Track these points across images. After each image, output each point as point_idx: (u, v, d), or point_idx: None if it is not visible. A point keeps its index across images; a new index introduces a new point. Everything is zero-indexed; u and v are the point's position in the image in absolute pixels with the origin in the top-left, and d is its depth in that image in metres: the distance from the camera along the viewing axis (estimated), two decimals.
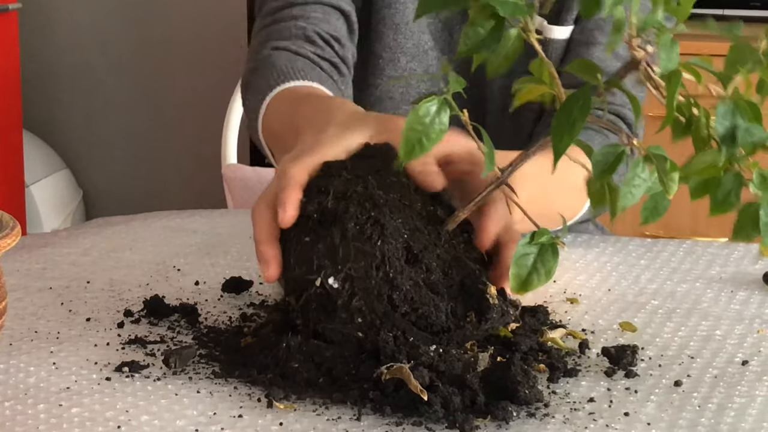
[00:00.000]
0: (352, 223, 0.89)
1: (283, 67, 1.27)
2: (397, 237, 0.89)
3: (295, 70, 1.26)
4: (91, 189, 3.59)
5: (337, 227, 0.89)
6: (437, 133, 0.83)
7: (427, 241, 0.91)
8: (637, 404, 0.86)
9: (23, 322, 1.03)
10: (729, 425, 0.83)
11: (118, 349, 0.96)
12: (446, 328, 0.89)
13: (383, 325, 0.88)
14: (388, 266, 0.88)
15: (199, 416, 0.83)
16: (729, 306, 1.09)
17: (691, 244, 1.29)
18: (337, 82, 1.34)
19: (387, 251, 0.88)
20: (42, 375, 0.91)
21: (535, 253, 0.86)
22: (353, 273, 0.88)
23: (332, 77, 1.33)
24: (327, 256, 0.89)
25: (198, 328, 1.01)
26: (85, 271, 1.18)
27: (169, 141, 3.46)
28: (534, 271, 0.86)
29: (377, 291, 0.88)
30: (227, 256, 1.23)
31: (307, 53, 1.32)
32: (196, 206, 1.66)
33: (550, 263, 0.86)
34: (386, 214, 0.90)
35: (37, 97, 3.54)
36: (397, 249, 0.89)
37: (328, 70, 1.33)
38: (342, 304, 0.88)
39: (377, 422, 0.82)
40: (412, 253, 0.90)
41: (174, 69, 3.40)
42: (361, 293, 0.88)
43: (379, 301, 0.88)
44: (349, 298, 0.88)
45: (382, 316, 0.88)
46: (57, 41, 3.52)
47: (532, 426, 0.82)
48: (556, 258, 0.86)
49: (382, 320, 0.88)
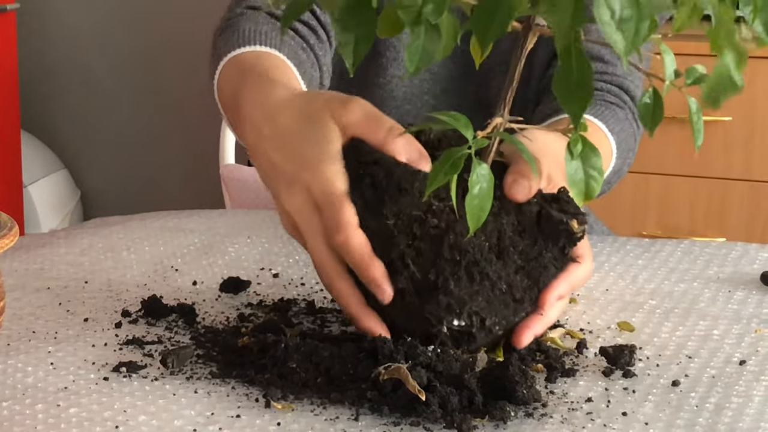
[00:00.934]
0: (452, 284, 0.89)
1: (246, 30, 1.23)
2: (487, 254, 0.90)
3: (257, 33, 1.22)
4: (89, 189, 3.59)
5: (440, 293, 0.90)
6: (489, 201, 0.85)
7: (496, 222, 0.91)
8: (634, 404, 0.86)
9: (21, 322, 1.03)
10: (726, 425, 0.83)
11: (116, 350, 0.96)
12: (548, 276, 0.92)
13: (517, 318, 0.92)
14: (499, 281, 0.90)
15: (197, 416, 0.83)
16: (727, 306, 1.09)
17: (688, 244, 1.29)
18: (314, 47, 1.29)
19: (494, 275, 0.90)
20: (40, 375, 0.91)
21: (580, 164, 0.89)
22: (476, 308, 0.90)
23: (308, 41, 1.29)
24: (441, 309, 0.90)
25: (196, 329, 1.01)
26: (83, 271, 1.18)
27: (167, 141, 3.46)
28: (589, 178, 0.89)
29: (503, 304, 0.91)
30: (225, 257, 1.23)
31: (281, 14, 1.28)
32: (194, 206, 1.66)
33: (596, 162, 0.89)
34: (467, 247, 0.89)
35: (35, 98, 3.53)
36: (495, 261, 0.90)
37: (303, 33, 1.29)
38: (476, 331, 0.90)
39: (375, 422, 0.82)
40: (496, 247, 0.90)
41: (172, 69, 3.40)
42: (489, 316, 0.90)
43: (506, 309, 0.91)
44: (481, 324, 0.90)
45: (514, 315, 0.92)
46: (55, 41, 3.52)
47: (530, 426, 0.82)
48: (597, 154, 0.89)
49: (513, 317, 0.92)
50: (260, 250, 1.25)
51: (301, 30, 1.29)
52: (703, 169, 2.64)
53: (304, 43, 1.28)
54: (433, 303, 0.89)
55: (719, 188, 2.63)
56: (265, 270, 1.19)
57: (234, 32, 1.23)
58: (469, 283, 0.89)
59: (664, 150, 2.62)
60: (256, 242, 1.28)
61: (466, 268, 0.89)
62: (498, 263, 0.90)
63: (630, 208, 2.67)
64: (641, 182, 2.65)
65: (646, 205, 2.67)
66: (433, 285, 0.89)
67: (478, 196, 0.84)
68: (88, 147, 3.57)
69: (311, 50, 1.29)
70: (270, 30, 1.23)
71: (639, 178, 2.64)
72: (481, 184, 0.84)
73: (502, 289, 0.90)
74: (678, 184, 2.65)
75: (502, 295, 0.90)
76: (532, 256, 0.91)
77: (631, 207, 2.67)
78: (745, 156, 2.61)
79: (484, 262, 0.89)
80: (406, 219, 0.90)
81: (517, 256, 0.91)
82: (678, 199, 2.65)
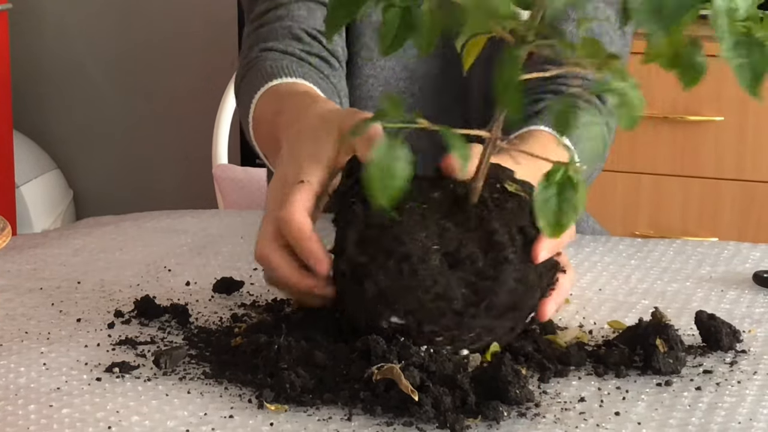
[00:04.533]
0: (381, 274, 0.90)
1: (268, 67, 1.28)
2: (427, 255, 0.89)
3: (280, 68, 1.27)
4: (82, 189, 3.58)
5: (369, 281, 0.90)
6: (401, 170, 0.84)
7: (459, 233, 0.91)
8: (627, 404, 0.86)
9: (14, 322, 1.03)
10: (719, 425, 0.83)
11: (109, 350, 0.96)
12: (515, 302, 0.91)
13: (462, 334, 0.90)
14: (437, 286, 0.89)
15: (190, 417, 0.83)
16: (719, 306, 1.10)
17: (681, 244, 1.29)
18: (329, 77, 1.33)
19: (425, 275, 0.89)
20: (32, 375, 0.90)
21: (555, 194, 0.86)
22: (408, 307, 0.90)
23: (323, 72, 1.33)
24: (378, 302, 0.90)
25: (189, 329, 1.01)
26: (76, 271, 1.18)
27: (160, 141, 3.46)
28: (561, 212, 0.85)
29: (437, 311, 0.89)
30: (218, 257, 1.23)
31: (294, 51, 1.33)
32: (186, 206, 1.66)
33: (573, 198, 0.85)
34: (407, 241, 0.90)
35: (28, 98, 3.53)
36: (435, 265, 0.89)
37: (317, 65, 1.33)
38: (415, 334, 0.90)
39: (368, 422, 0.82)
40: (452, 256, 0.90)
41: (164, 70, 3.39)
42: (425, 321, 0.90)
43: (444, 318, 0.90)
44: (419, 327, 0.90)
45: (456, 328, 0.90)
46: (47, 42, 3.51)
47: (522, 426, 0.82)
48: (576, 191, 0.85)
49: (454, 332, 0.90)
50: (253, 251, 1.25)
51: (314, 63, 1.35)
52: (695, 169, 2.64)
53: (320, 73, 1.33)
54: (368, 293, 0.90)
55: (711, 188, 2.63)
56: (258, 270, 1.19)
57: (257, 72, 1.29)
58: (397, 275, 0.89)
59: (655, 150, 2.62)
60: (249, 242, 1.28)
61: (397, 260, 0.89)
62: (439, 269, 0.89)
63: (622, 208, 2.67)
64: (633, 182, 2.66)
65: (638, 205, 2.67)
66: (365, 271, 0.90)
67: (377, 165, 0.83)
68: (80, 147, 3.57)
69: (328, 79, 1.33)
70: (290, 63, 1.29)
71: (631, 178, 2.64)
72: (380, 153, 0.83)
73: (436, 294, 0.89)
74: (670, 184, 2.65)
75: (436, 300, 0.89)
76: (488, 275, 0.90)
77: (623, 207, 2.67)
78: (737, 156, 2.62)
79: (417, 260, 0.89)
80: (362, 208, 0.91)
81: (471, 271, 0.90)
82: (670, 198, 2.65)
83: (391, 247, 0.89)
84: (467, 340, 0.91)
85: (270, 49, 1.34)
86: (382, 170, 0.83)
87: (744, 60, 0.80)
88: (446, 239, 0.90)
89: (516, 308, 0.92)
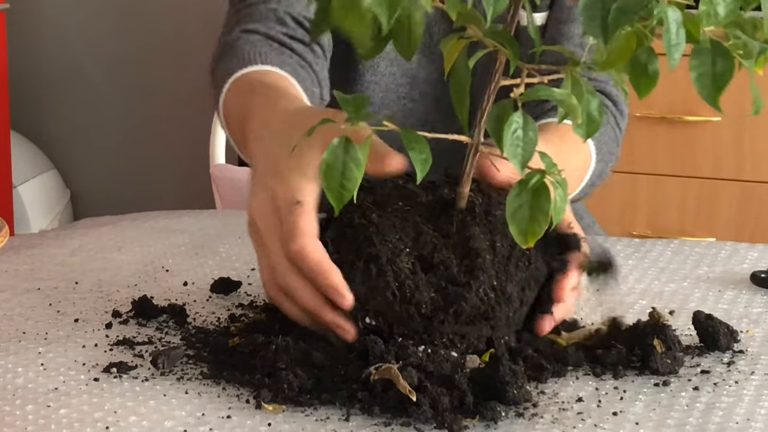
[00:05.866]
0: (352, 274, 0.90)
1: (246, 53, 1.25)
2: (397, 257, 0.89)
3: (257, 54, 1.24)
4: (79, 189, 3.58)
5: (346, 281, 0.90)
6: (355, 170, 0.84)
7: (437, 238, 0.91)
8: (625, 404, 0.87)
9: (11, 322, 1.02)
10: (717, 425, 0.83)
11: (107, 350, 0.96)
12: (486, 310, 0.90)
13: (434, 339, 0.90)
14: (404, 288, 0.89)
15: (188, 417, 0.83)
16: (716, 305, 1.10)
17: (678, 244, 1.29)
18: (311, 63, 1.31)
19: (394, 277, 0.89)
20: (30, 376, 0.90)
21: (528, 202, 0.85)
22: (378, 308, 0.90)
23: (305, 58, 1.30)
24: (355, 302, 0.90)
25: (186, 329, 1.01)
26: (73, 271, 1.18)
27: (158, 141, 3.46)
28: (533, 221, 0.84)
29: (406, 314, 0.89)
30: (216, 257, 1.23)
31: (276, 34, 1.30)
32: (184, 207, 1.66)
33: (545, 206, 0.84)
34: (377, 242, 0.90)
35: (25, 98, 3.53)
36: (404, 267, 0.89)
37: (300, 51, 1.31)
38: (386, 336, 0.90)
39: (366, 423, 0.82)
40: (425, 260, 0.90)
41: (162, 69, 3.39)
42: (395, 325, 0.90)
43: (413, 322, 0.90)
44: (390, 329, 0.90)
45: (426, 333, 0.90)
46: (45, 41, 3.51)
47: (520, 426, 0.83)
48: (548, 198, 0.84)
49: (424, 336, 0.90)
50: (251, 251, 1.25)
51: (297, 48, 1.30)
52: (692, 169, 2.64)
53: (302, 60, 1.30)
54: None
55: (709, 188, 2.64)
56: (255, 270, 1.18)
57: (234, 55, 1.25)
58: (366, 276, 0.89)
59: (653, 150, 2.62)
60: (246, 242, 1.28)
61: (365, 261, 0.89)
62: (409, 271, 0.89)
63: (620, 208, 2.67)
64: (631, 182, 2.66)
65: (635, 205, 2.68)
66: (341, 271, 0.90)
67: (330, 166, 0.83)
68: (78, 147, 3.56)
69: (310, 67, 1.30)
70: (269, 51, 1.25)
71: (628, 178, 2.65)
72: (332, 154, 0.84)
73: (403, 296, 0.89)
74: (668, 184, 2.65)
75: (403, 304, 0.89)
76: (459, 281, 0.90)
77: (620, 207, 2.67)
78: (735, 156, 2.62)
79: (385, 262, 0.89)
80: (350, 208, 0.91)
81: (442, 276, 0.90)
82: (668, 199, 2.66)
83: (361, 248, 0.90)
84: (440, 346, 0.90)
85: (251, 31, 1.31)
86: (335, 171, 0.83)
87: (707, 68, 0.80)
88: (421, 242, 0.90)
89: (488, 317, 0.91)
